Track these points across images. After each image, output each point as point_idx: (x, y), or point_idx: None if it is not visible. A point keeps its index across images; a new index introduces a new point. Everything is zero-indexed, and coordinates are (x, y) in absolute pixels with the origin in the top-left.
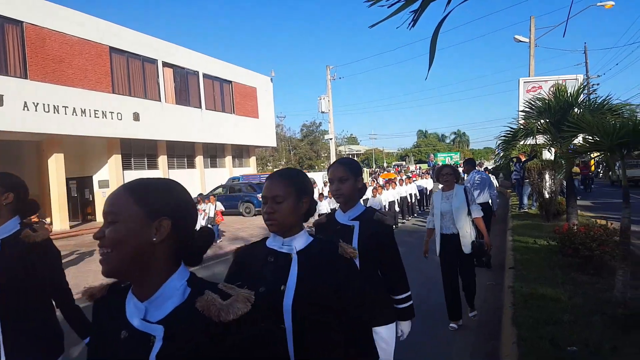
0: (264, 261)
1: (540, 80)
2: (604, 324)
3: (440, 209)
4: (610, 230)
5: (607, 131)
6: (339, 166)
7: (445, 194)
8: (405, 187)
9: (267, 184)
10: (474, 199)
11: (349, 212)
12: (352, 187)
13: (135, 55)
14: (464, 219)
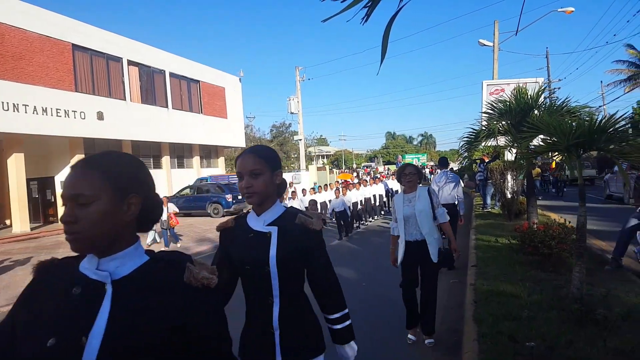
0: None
1: (502, 83)
2: (561, 319)
3: (402, 213)
4: (568, 228)
5: (564, 132)
6: (250, 156)
7: (408, 196)
8: (369, 188)
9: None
10: (439, 202)
11: (264, 215)
12: (267, 182)
13: (99, 53)
14: (430, 223)
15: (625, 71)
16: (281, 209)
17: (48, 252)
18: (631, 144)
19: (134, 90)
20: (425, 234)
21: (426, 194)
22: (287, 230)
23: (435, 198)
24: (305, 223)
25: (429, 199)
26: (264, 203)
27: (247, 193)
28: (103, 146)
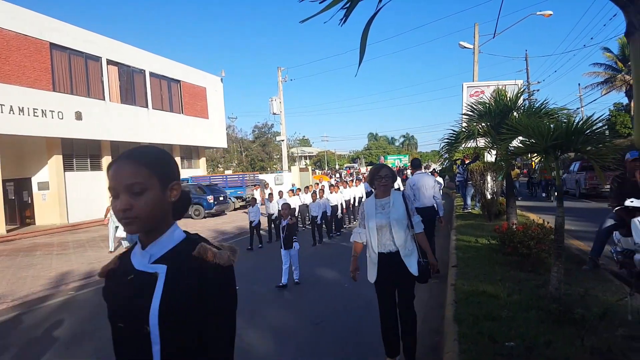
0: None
1: (482, 85)
2: (540, 319)
3: (375, 221)
4: (547, 229)
5: (542, 133)
6: (127, 164)
7: (380, 202)
8: (349, 190)
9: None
10: (414, 210)
11: (151, 248)
12: (156, 202)
13: (77, 52)
14: (405, 233)
15: (602, 74)
16: (178, 236)
17: (25, 255)
18: (607, 146)
19: (113, 90)
20: (400, 246)
21: (401, 200)
22: (180, 269)
23: (410, 204)
24: (204, 257)
25: (404, 205)
26: (152, 230)
27: (124, 218)
28: (81, 147)
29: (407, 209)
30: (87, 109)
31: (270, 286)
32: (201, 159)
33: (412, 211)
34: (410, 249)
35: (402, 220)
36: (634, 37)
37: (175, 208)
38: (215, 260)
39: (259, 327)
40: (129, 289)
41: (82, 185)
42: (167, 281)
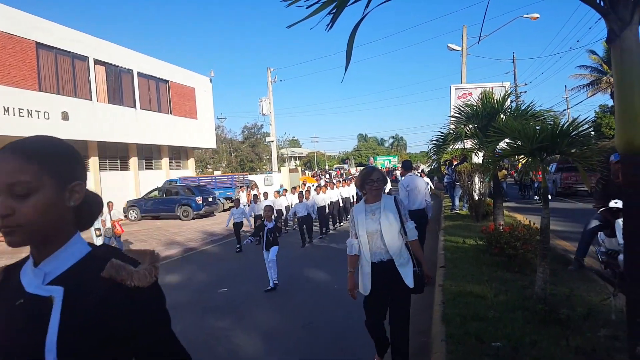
0: None
1: (470, 87)
2: (526, 319)
3: (365, 228)
4: (533, 229)
5: (527, 136)
6: (9, 158)
7: (371, 207)
8: (335, 190)
9: None
10: (407, 215)
11: (46, 265)
12: (48, 206)
13: (64, 51)
14: (399, 241)
15: (588, 76)
16: (80, 251)
17: (10, 257)
18: (592, 148)
19: (101, 90)
20: (394, 254)
21: (393, 205)
22: (83, 292)
23: (403, 209)
24: (116, 278)
25: (396, 210)
26: (45, 243)
27: (3, 226)
28: None
29: (399, 214)
30: (73, 109)
31: (258, 287)
32: (190, 160)
33: (405, 217)
34: (406, 257)
35: (394, 226)
36: (615, 43)
37: (79, 215)
38: (132, 281)
39: (248, 328)
40: (17, 316)
41: None
42: (66, 308)
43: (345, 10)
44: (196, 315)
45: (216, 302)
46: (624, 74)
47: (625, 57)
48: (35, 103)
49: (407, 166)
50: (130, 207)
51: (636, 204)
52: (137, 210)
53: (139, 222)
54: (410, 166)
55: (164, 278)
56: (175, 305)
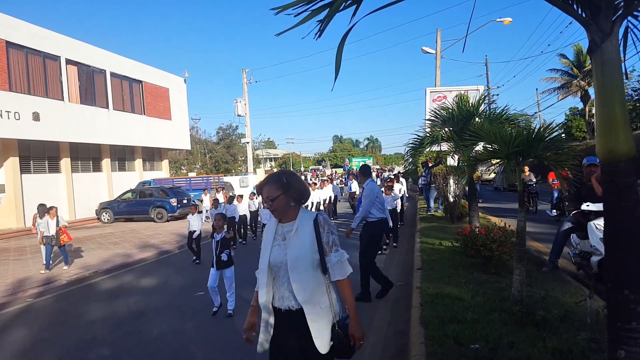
0: None
1: (445, 90)
2: (503, 321)
3: (269, 256)
4: (508, 232)
5: (504, 140)
6: None
7: (283, 227)
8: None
9: None
10: (335, 241)
11: None
12: None
13: (35, 50)
14: (314, 281)
15: (559, 79)
16: None
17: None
18: (567, 152)
19: (73, 90)
20: (304, 301)
21: (311, 226)
22: None
23: (327, 235)
24: None
25: (314, 234)
26: None
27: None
28: (39, 148)
29: (318, 240)
30: (45, 110)
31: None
32: (164, 161)
33: (330, 243)
34: (324, 307)
35: (308, 258)
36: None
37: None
38: None
39: (226, 333)
40: None
41: (40, 188)
42: None
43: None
44: (174, 320)
45: (193, 306)
46: (604, 84)
47: (605, 67)
48: (5, 103)
49: (365, 171)
50: (103, 209)
51: (616, 210)
52: (110, 212)
53: (112, 225)
54: (369, 172)
55: (139, 281)
56: (152, 310)
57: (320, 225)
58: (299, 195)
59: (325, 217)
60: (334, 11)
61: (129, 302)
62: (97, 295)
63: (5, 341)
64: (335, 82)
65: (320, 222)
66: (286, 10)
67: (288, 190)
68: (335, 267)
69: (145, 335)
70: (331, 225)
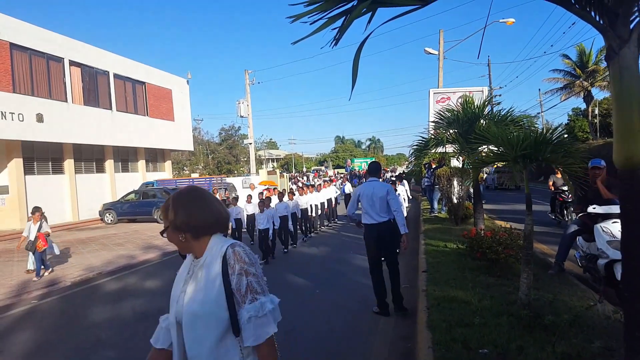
0: None
1: (448, 92)
2: (511, 325)
3: (176, 304)
4: (514, 234)
5: (511, 143)
6: None
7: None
8: (306, 196)
9: None
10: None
11: None
12: None
13: (39, 52)
14: (216, 348)
15: (562, 80)
16: None
17: None
18: (574, 156)
19: (76, 91)
20: None
21: (219, 265)
22: None
23: (240, 278)
24: None
25: (222, 278)
26: None
27: None
28: (43, 149)
29: (226, 285)
30: (48, 111)
31: None
32: (167, 162)
33: (242, 290)
34: None
35: (209, 314)
36: (614, 60)
37: None
38: None
39: None
40: None
41: (44, 189)
42: None
43: None
44: None
45: None
46: (622, 90)
47: (623, 74)
48: (9, 105)
49: (373, 169)
50: (107, 210)
51: (634, 218)
52: (113, 213)
53: (116, 226)
54: (376, 169)
55: (143, 283)
56: (157, 312)
57: (229, 265)
58: (192, 227)
59: (240, 249)
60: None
61: (134, 304)
62: (102, 297)
63: (10, 343)
64: (352, 92)
65: (230, 260)
66: (302, 18)
67: (174, 221)
68: (248, 326)
69: (147, 339)
70: (249, 260)
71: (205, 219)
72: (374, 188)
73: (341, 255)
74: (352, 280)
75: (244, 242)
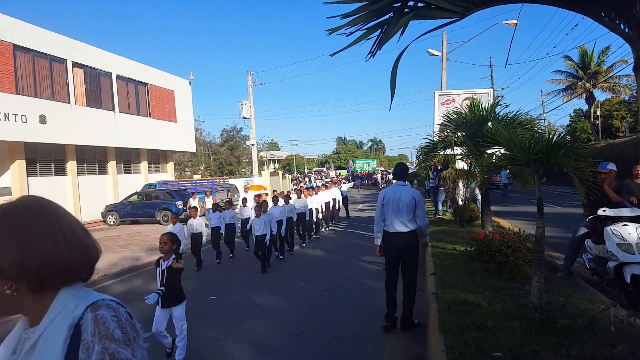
0: None
1: (453, 94)
2: (523, 328)
3: None
4: (523, 237)
5: (523, 147)
6: None
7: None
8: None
9: None
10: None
11: None
12: None
13: (42, 54)
14: None
15: (564, 81)
16: None
17: None
18: (586, 160)
19: (79, 92)
20: None
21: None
22: None
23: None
24: None
25: None
26: None
27: None
28: (45, 151)
29: None
30: (51, 112)
31: (247, 296)
32: (169, 164)
33: None
34: None
35: None
36: None
37: None
38: None
39: (239, 337)
40: None
41: (46, 191)
42: None
43: None
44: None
45: (205, 311)
46: None
47: None
48: (12, 106)
49: (399, 171)
50: (109, 212)
51: None
52: (115, 214)
53: (118, 227)
54: (403, 172)
55: (148, 285)
56: None
57: (83, 342)
58: (28, 272)
59: (106, 313)
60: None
61: (142, 308)
62: None
63: None
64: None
65: (86, 332)
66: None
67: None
68: None
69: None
70: (121, 334)
71: (55, 257)
72: (401, 193)
73: (347, 258)
74: (359, 283)
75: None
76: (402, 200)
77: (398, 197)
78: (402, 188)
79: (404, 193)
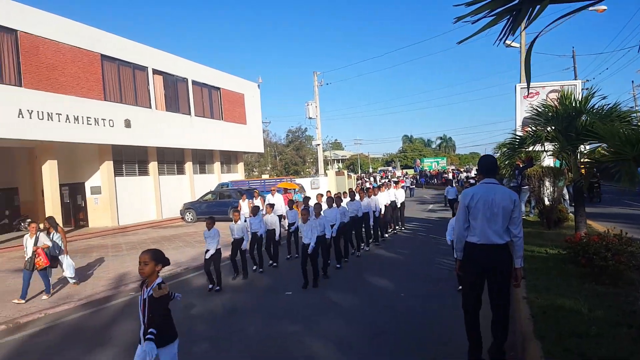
0: None
1: (537, 87)
2: (631, 337)
3: None
4: (625, 240)
5: (631, 142)
6: None
7: None
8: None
9: None
10: None
11: None
12: None
13: (125, 62)
14: None
15: None
16: None
17: (82, 256)
18: None
19: (159, 98)
20: None
21: None
22: None
23: None
24: None
25: None
26: None
27: None
28: (130, 153)
29: None
30: (135, 117)
31: (322, 293)
32: (239, 164)
33: None
34: None
35: None
36: None
37: None
38: None
39: (321, 335)
40: None
41: (131, 190)
42: None
43: None
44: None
45: (284, 307)
46: None
47: None
48: (100, 111)
49: (489, 166)
50: (187, 210)
51: None
52: (193, 212)
53: (195, 224)
54: (493, 167)
55: (227, 279)
56: (243, 307)
57: None
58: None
59: None
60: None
61: (222, 298)
62: (192, 291)
63: (117, 332)
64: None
65: None
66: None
67: None
68: None
69: (242, 333)
70: None
71: None
72: (496, 194)
73: (425, 257)
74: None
75: None
76: (497, 204)
77: (492, 199)
78: (495, 187)
79: (499, 194)
